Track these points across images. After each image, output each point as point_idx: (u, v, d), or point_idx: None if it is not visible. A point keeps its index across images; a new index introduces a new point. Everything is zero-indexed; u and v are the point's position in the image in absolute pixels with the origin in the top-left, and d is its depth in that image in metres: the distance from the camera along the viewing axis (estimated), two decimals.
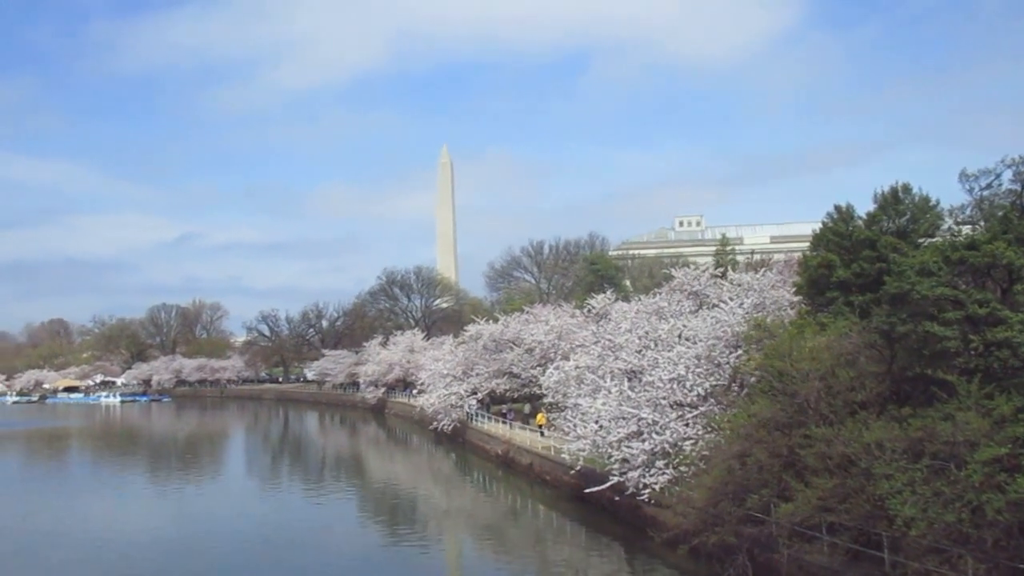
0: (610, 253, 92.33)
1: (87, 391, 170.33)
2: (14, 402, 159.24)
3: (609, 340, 37.71)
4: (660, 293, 44.64)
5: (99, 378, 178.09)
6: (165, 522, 35.01)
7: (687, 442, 26.51)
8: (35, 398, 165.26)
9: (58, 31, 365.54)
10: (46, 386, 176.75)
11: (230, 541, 30.30)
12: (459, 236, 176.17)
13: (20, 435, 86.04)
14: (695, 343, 31.02)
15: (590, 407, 30.70)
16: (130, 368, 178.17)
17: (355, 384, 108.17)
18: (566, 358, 43.13)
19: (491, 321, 62.79)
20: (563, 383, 39.08)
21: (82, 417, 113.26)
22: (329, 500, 40.37)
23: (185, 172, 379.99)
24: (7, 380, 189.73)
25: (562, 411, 35.84)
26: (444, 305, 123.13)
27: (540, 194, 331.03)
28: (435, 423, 59.32)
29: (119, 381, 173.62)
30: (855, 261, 27.04)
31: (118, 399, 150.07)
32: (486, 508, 37.57)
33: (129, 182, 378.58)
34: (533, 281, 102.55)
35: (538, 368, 53.66)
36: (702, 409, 27.77)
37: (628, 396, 29.69)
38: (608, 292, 55.02)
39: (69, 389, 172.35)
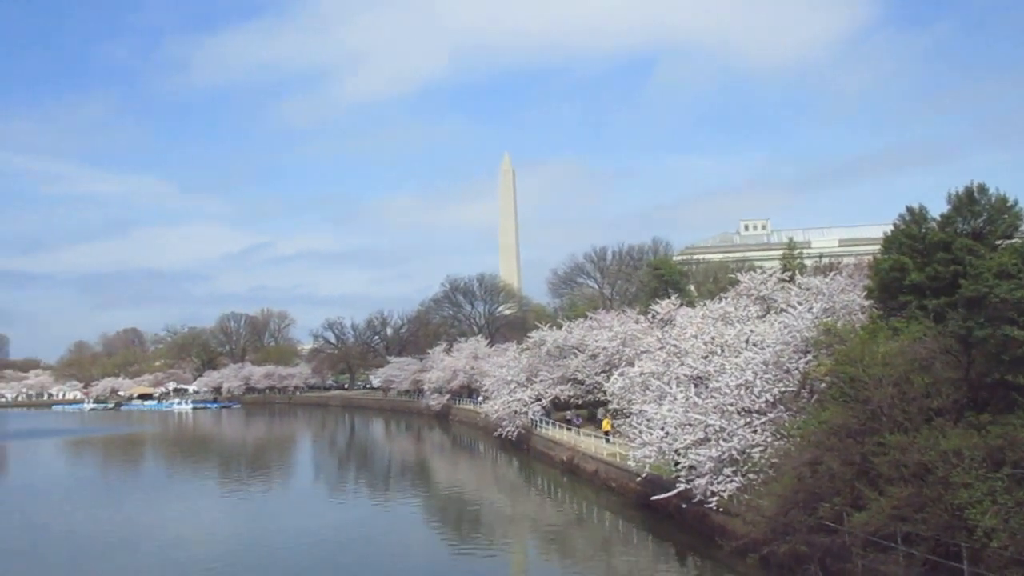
0: (674, 258, 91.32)
1: (160, 398, 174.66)
2: (91, 409, 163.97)
3: (674, 346, 37.30)
4: (726, 298, 44.03)
5: (172, 385, 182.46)
6: (235, 526, 35.62)
7: (755, 449, 26.04)
8: (111, 405, 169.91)
9: (135, 49, 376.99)
10: (121, 393, 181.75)
11: (299, 545, 30.65)
12: (522, 243, 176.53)
13: (98, 441, 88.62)
14: (763, 348, 30.51)
15: (656, 413, 30.39)
16: (201, 376, 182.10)
17: (420, 391, 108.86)
18: (631, 364, 42.79)
19: (554, 327, 62.66)
20: (628, 389, 38.76)
21: (156, 423, 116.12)
22: (395, 506, 40.67)
23: (255, 184, 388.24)
24: (85, 388, 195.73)
25: (627, 417, 35.57)
26: (507, 312, 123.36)
27: (603, 201, 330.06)
28: (499, 429, 59.37)
29: (191, 388, 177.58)
30: (929, 264, 26.29)
31: (190, 406, 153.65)
32: (551, 514, 37.40)
33: (200, 194, 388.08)
34: (596, 287, 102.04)
35: (602, 374, 53.40)
36: (771, 416, 27.26)
37: (694, 402, 29.32)
38: (672, 297, 54.46)
39: (143, 396, 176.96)
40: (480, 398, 71.31)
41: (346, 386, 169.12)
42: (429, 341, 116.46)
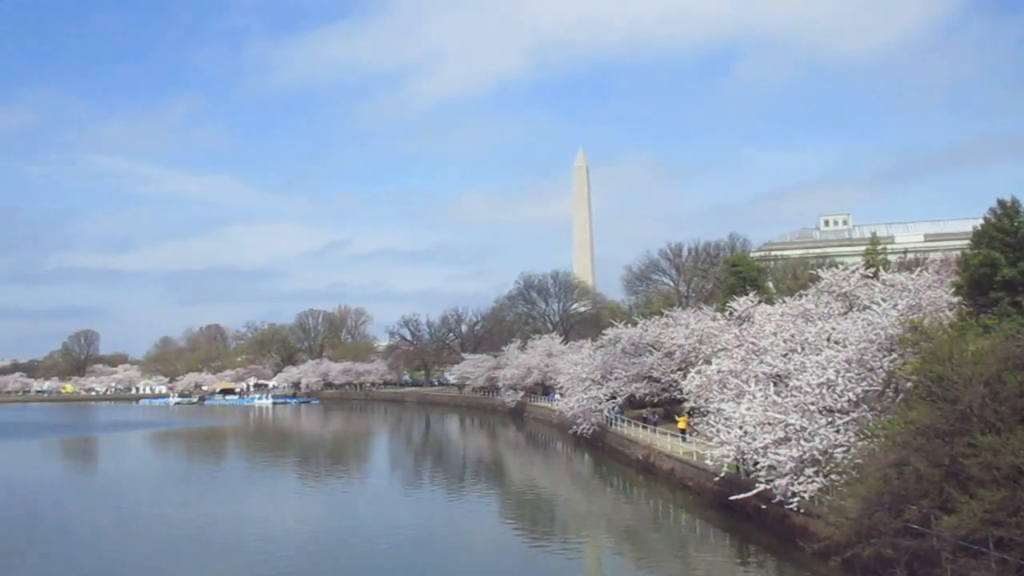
0: (752, 254, 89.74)
1: (241, 393, 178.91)
2: (176, 403, 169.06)
3: (753, 343, 36.67)
4: (806, 295, 43.08)
5: (252, 381, 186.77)
6: (315, 520, 36.21)
7: (838, 449, 25.37)
8: (195, 399, 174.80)
9: (220, 52, 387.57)
10: (204, 388, 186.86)
11: (375, 539, 31.04)
12: (596, 240, 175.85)
13: (182, 433, 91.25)
14: (845, 346, 29.73)
15: (734, 412, 29.88)
16: (281, 371, 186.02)
17: (494, 387, 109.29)
18: (708, 362, 42.17)
19: (629, 324, 62.20)
20: (705, 387, 38.21)
21: (237, 418, 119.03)
22: (470, 502, 40.85)
23: (334, 182, 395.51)
24: (170, 382, 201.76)
25: (704, 416, 35.09)
26: (581, 309, 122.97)
27: (679, 196, 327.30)
28: (574, 427, 59.20)
29: (271, 384, 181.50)
30: (1022, 259, 25.30)
31: (270, 401, 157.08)
32: (626, 513, 37.14)
33: (281, 193, 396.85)
34: (672, 284, 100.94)
35: (678, 372, 52.85)
36: (854, 415, 26.54)
37: (774, 401, 28.73)
38: (751, 294, 53.52)
39: (225, 391, 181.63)
40: (555, 395, 71.16)
41: (422, 383, 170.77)
42: (503, 338, 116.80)
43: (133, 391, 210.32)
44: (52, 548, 30.60)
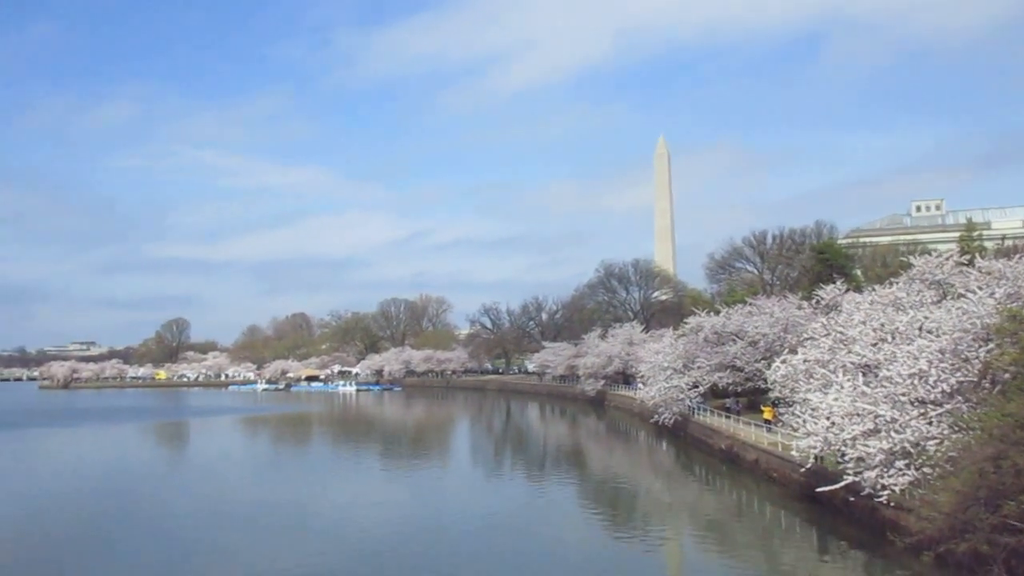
0: (839, 241, 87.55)
1: (326, 380, 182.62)
2: (264, 390, 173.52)
3: (841, 333, 35.73)
4: (896, 283, 41.79)
5: (337, 368, 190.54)
6: (398, 503, 36.76)
7: (930, 442, 24.57)
8: (281, 386, 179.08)
9: (307, 45, 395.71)
10: (290, 375, 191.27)
11: (457, 524, 31.33)
12: (677, 228, 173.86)
13: (271, 419, 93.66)
14: (938, 336, 28.73)
15: (821, 402, 29.18)
16: (364, 359, 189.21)
17: (575, 376, 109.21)
18: (793, 351, 41.29)
19: (712, 313, 61.37)
20: (790, 377, 37.41)
21: (322, 404, 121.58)
22: (551, 490, 40.89)
23: (417, 172, 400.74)
24: (257, 369, 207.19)
25: (790, 406, 34.41)
26: (663, 297, 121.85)
27: (763, 183, 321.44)
28: (655, 416, 58.75)
29: (354, 371, 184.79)
30: None
31: (354, 388, 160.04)
32: (709, 504, 36.68)
33: (365, 184, 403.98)
34: (756, 272, 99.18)
35: (762, 361, 51.97)
36: (947, 407, 25.66)
37: (863, 392, 27.96)
38: (838, 282, 52.22)
39: (310, 378, 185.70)
40: (638, 384, 70.72)
41: (502, 371, 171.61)
42: (584, 326, 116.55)
43: (222, 378, 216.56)
44: (151, 530, 31.72)
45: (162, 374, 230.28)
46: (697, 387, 57.10)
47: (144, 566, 25.61)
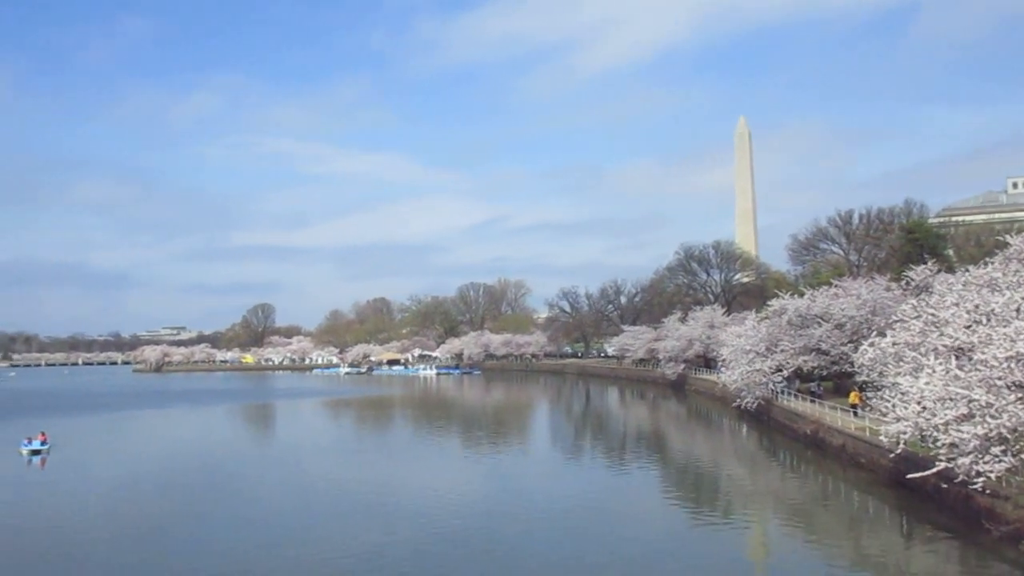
0: (930, 220, 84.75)
1: (406, 364, 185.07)
2: (346, 373, 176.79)
3: (932, 314, 34.46)
4: (992, 263, 40.14)
5: (417, 352, 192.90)
6: (478, 485, 37.01)
7: None
8: (363, 370, 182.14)
9: (388, 32, 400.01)
10: (372, 359, 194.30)
11: (538, 506, 31.36)
12: (759, 209, 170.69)
13: (353, 402, 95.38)
14: None
15: (911, 387, 28.23)
16: (443, 343, 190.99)
17: (654, 359, 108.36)
18: (881, 334, 40.08)
19: (796, 295, 59.98)
20: (879, 361, 36.33)
21: (403, 387, 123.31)
22: (631, 473, 40.64)
23: (496, 157, 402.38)
24: (340, 353, 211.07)
25: (878, 390, 33.44)
26: (744, 279, 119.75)
27: (849, 162, 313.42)
28: (737, 400, 57.85)
29: (434, 355, 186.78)
30: None
31: (434, 371, 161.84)
32: (793, 489, 35.96)
33: (444, 169, 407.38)
34: (841, 253, 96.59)
35: (849, 345, 50.67)
36: None
37: (956, 375, 26.93)
38: (929, 263, 50.50)
39: (392, 362, 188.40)
40: (720, 367, 69.74)
41: (581, 354, 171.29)
42: (663, 310, 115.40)
43: (306, 361, 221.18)
44: (241, 508, 32.63)
45: (249, 358, 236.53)
46: (780, 371, 55.95)
47: (235, 541, 26.31)
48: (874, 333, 44.65)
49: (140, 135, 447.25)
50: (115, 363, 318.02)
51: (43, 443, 49.06)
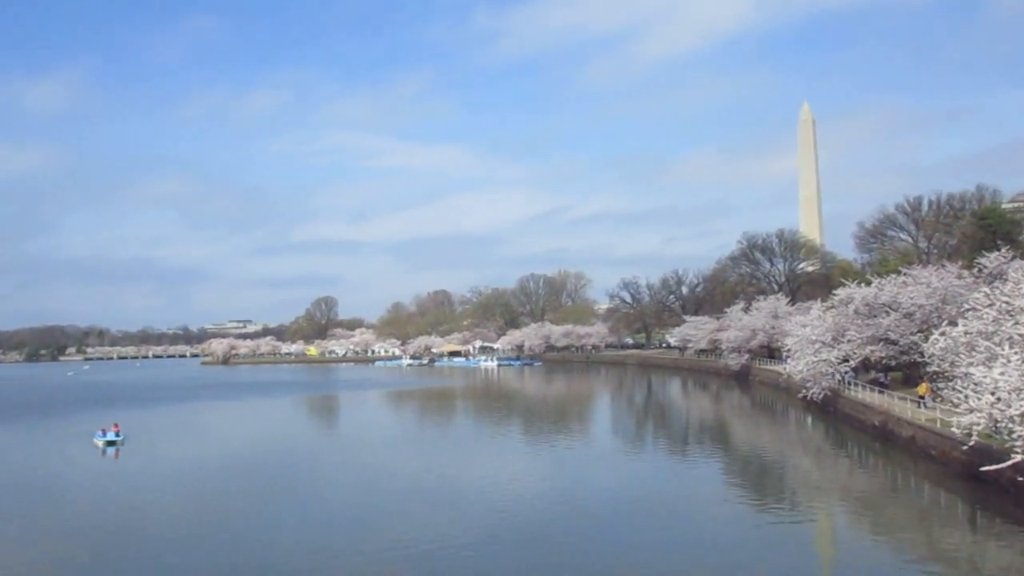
0: (1003, 206, 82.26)
1: (467, 355, 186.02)
2: (408, 365, 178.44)
3: (1006, 303, 33.50)
4: None
5: (478, 343, 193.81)
6: (540, 476, 36.97)
7: None
8: (425, 361, 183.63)
9: (449, 25, 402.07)
10: (434, 351, 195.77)
11: (601, 499, 31.24)
12: (824, 196, 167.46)
13: (416, 393, 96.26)
14: None
15: (985, 377, 27.50)
16: (504, 334, 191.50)
17: (717, 350, 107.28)
18: (953, 323, 39.13)
19: (862, 284, 58.76)
20: (950, 350, 35.48)
21: (465, 378, 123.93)
22: (694, 465, 40.26)
23: (556, 147, 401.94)
24: (402, 345, 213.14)
25: (949, 381, 32.62)
26: (809, 268, 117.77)
27: (916, 148, 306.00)
28: (803, 391, 56.93)
29: (495, 346, 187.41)
30: None
31: (495, 363, 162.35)
32: (861, 482, 35.23)
33: (505, 161, 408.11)
34: (910, 240, 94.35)
35: (918, 334, 49.50)
36: None
37: None
38: (1002, 249, 49.02)
39: (453, 353, 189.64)
40: (785, 357, 68.71)
41: (642, 345, 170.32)
42: (726, 300, 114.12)
43: (369, 353, 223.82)
44: (307, 496, 33.18)
45: (313, 350, 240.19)
46: (847, 361, 54.91)
47: (304, 528, 26.76)
48: (945, 322, 43.62)
49: (208, 132, 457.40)
50: (184, 356, 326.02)
51: (117, 434, 50.43)
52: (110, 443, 49.35)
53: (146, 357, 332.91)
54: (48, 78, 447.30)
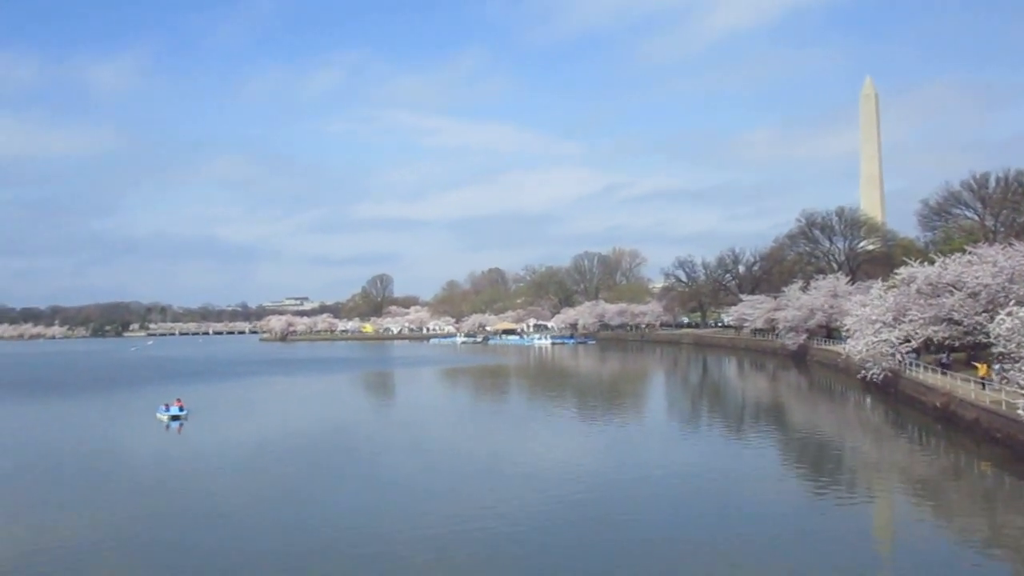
0: None
1: (521, 333, 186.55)
2: (462, 342, 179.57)
3: None
4: None
5: (532, 322, 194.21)
6: (594, 455, 36.94)
7: None
8: (479, 339, 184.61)
9: (505, 3, 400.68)
10: (488, 328, 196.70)
11: (655, 477, 31.15)
12: (886, 173, 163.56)
13: (470, 370, 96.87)
14: None
15: None
16: (558, 312, 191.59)
17: (773, 330, 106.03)
18: (1021, 303, 38.14)
19: (925, 263, 57.47)
20: (1017, 331, 34.58)
21: (519, 356, 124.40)
22: (749, 445, 39.90)
23: (612, 125, 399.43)
24: (456, 323, 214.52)
25: (1016, 362, 31.82)
26: (870, 247, 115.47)
27: (983, 123, 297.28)
28: (862, 372, 56.02)
29: (550, 325, 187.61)
30: None
31: (549, 341, 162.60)
32: (922, 465, 34.60)
33: (561, 138, 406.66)
34: (976, 218, 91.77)
35: (984, 314, 48.31)
36: None
37: None
38: None
39: (507, 331, 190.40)
40: (846, 337, 67.60)
41: (697, 324, 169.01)
42: (783, 278, 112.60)
43: (423, 331, 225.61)
44: (364, 471, 33.71)
45: (369, 327, 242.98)
46: (909, 341, 53.86)
47: (362, 503, 27.22)
48: (1012, 302, 42.51)
49: (267, 113, 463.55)
50: (243, 332, 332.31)
51: (180, 409, 51.62)
52: (174, 418, 50.52)
53: (207, 333, 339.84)
54: (114, 61, 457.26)
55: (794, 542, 22.19)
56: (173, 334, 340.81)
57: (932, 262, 56.57)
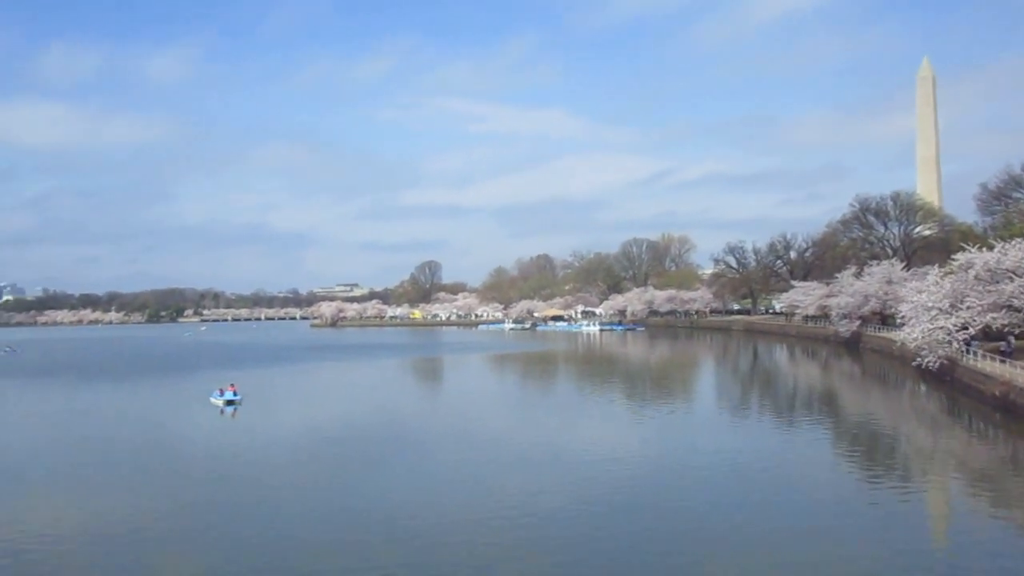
0: None
1: (570, 320, 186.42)
2: (511, 329, 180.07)
3: None
4: None
5: (580, 308, 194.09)
6: (643, 442, 36.84)
7: None
8: (527, 325, 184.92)
9: None
10: (536, 315, 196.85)
11: (704, 464, 30.92)
12: (943, 157, 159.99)
13: (519, 357, 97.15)
14: None
15: None
16: (607, 299, 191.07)
17: (826, 316, 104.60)
18: None
19: (984, 249, 56.15)
20: None
21: (567, 343, 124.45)
22: (800, 431, 39.47)
23: (663, 110, 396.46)
24: (504, 309, 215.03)
25: None
26: (926, 232, 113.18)
27: None
28: (918, 359, 54.99)
29: (598, 311, 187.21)
30: None
31: (597, 327, 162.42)
32: (980, 455, 33.90)
33: (611, 124, 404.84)
34: None
35: None
36: None
37: None
38: None
39: (555, 318, 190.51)
40: (900, 325, 66.40)
41: (748, 311, 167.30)
42: (836, 264, 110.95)
43: (472, 317, 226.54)
44: (414, 458, 33.96)
45: (417, 313, 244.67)
46: (966, 328, 52.71)
47: (411, 489, 27.49)
48: None
49: (318, 100, 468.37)
50: (294, 318, 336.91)
51: (234, 394, 52.49)
52: (228, 402, 51.37)
53: (259, 319, 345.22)
54: (169, 50, 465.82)
55: (847, 532, 21.90)
56: (226, 320, 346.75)
57: (991, 247, 55.24)
